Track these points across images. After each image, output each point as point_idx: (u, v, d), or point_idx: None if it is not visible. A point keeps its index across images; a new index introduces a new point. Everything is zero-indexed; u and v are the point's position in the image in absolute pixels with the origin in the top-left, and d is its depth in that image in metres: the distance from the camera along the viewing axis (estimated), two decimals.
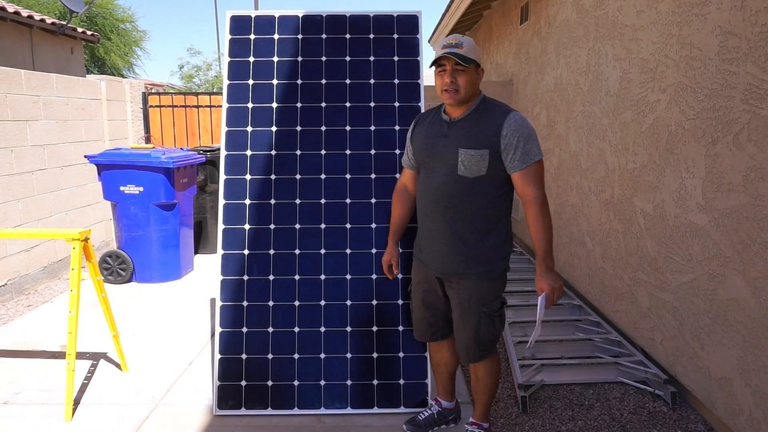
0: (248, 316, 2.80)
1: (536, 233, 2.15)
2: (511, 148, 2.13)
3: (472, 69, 2.17)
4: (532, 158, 2.13)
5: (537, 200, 2.13)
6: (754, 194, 2.38)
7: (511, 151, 2.13)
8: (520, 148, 2.12)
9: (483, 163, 2.16)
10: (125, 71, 19.41)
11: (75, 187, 5.50)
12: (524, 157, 2.13)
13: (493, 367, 2.41)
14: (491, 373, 2.41)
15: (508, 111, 2.19)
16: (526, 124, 2.16)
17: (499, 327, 2.33)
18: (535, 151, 2.14)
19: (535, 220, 2.14)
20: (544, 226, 2.13)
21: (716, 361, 2.65)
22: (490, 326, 2.30)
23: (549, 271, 2.13)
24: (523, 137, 2.12)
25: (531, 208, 2.14)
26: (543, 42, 5.34)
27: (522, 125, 2.14)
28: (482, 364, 2.39)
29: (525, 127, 2.14)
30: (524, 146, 2.12)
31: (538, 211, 2.13)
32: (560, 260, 4.84)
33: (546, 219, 2.13)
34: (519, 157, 2.13)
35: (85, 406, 2.84)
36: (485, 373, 2.40)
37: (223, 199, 2.87)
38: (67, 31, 10.10)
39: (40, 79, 5.00)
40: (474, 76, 2.19)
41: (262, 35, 3.01)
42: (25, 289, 4.73)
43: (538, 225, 2.13)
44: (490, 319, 2.29)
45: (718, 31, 2.61)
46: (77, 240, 2.74)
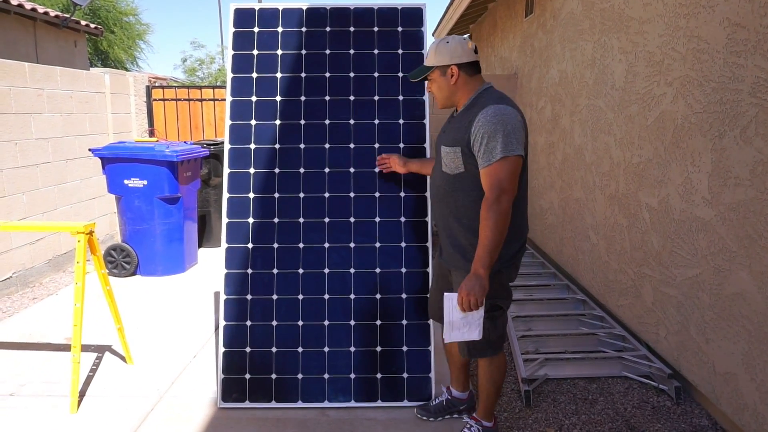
0: (252, 310, 2.80)
1: (480, 234, 2.03)
2: (477, 144, 2.06)
3: (436, 74, 2.21)
4: (494, 156, 2.01)
5: (486, 201, 2.03)
6: (761, 188, 2.36)
7: (476, 148, 2.07)
8: (483, 145, 2.04)
9: (458, 161, 2.14)
10: (129, 64, 19.39)
11: (79, 181, 5.51)
12: (486, 154, 2.04)
13: (490, 368, 2.35)
14: (488, 374, 2.36)
15: (486, 105, 2.10)
16: (495, 119, 2.03)
17: (491, 329, 2.24)
18: (497, 150, 2.01)
19: (481, 221, 2.03)
20: (486, 226, 2.00)
21: (721, 355, 2.64)
22: None
23: (474, 276, 2.00)
24: (488, 133, 2.02)
25: (482, 207, 2.05)
26: (548, 35, 5.31)
27: (489, 121, 2.03)
28: (482, 364, 2.38)
29: (492, 123, 2.02)
30: (488, 143, 2.03)
31: (484, 210, 2.02)
32: (564, 254, 4.83)
33: (490, 221, 1.99)
34: (482, 155, 2.05)
35: (90, 398, 2.85)
36: (483, 372, 2.38)
37: (227, 193, 2.87)
38: (70, 24, 10.09)
39: (44, 72, 5.00)
40: (441, 80, 2.21)
41: (266, 28, 2.99)
42: (30, 282, 4.75)
43: (481, 226, 2.02)
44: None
45: (726, 23, 2.58)
46: (82, 233, 2.74)
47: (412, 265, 2.82)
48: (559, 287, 4.47)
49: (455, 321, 2.07)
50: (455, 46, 2.17)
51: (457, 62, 2.18)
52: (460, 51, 2.17)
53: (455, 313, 2.05)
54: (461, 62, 2.18)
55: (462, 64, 2.19)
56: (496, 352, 2.32)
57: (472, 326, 2.07)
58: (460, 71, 2.19)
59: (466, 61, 2.18)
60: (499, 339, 2.31)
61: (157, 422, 2.64)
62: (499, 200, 2.01)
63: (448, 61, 2.18)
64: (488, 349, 2.29)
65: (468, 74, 2.20)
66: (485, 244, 2.01)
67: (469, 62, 2.19)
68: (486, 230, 2.01)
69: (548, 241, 5.32)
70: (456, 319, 2.06)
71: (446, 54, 2.17)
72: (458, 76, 2.19)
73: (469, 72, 2.21)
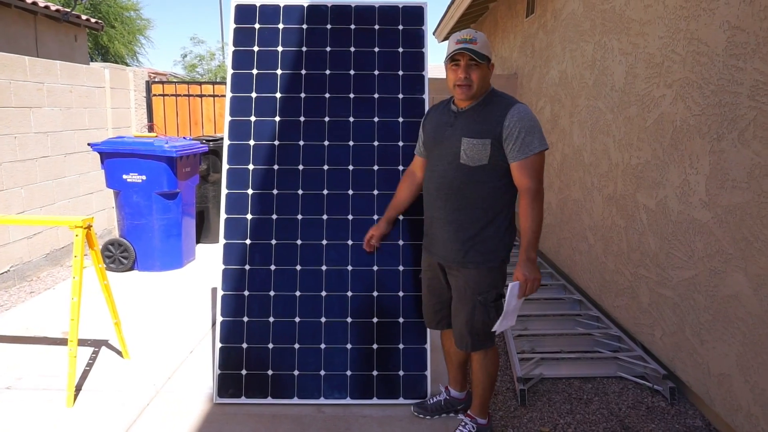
0: (249, 306, 2.81)
1: (524, 223, 2.16)
2: (512, 138, 2.15)
3: (484, 65, 2.22)
4: (532, 150, 2.14)
5: (530, 191, 2.15)
6: (758, 191, 2.37)
7: (511, 142, 2.16)
8: (520, 139, 2.14)
9: (485, 153, 2.20)
10: (129, 59, 19.36)
11: (78, 175, 5.51)
12: (524, 147, 2.14)
13: (487, 361, 2.40)
14: (484, 368, 2.41)
15: (513, 102, 2.22)
16: (530, 116, 2.17)
17: (495, 318, 2.32)
18: (536, 144, 2.14)
19: (524, 210, 2.16)
20: (533, 216, 2.13)
21: (716, 357, 2.65)
22: (484, 316, 2.31)
23: (529, 261, 2.13)
24: (525, 128, 2.14)
25: (524, 198, 2.17)
26: (548, 35, 5.31)
27: (525, 116, 2.16)
28: (476, 358, 2.41)
29: (527, 119, 2.16)
30: (525, 137, 2.14)
31: (529, 201, 2.15)
32: (561, 255, 4.84)
33: (536, 211, 2.14)
34: (518, 148, 2.15)
35: (87, 392, 2.86)
36: (478, 366, 2.42)
37: (226, 189, 2.87)
38: (71, 19, 10.07)
39: (45, 66, 4.99)
40: (486, 72, 2.24)
41: (266, 24, 2.99)
42: (27, 276, 4.75)
43: (527, 215, 2.15)
44: (484, 308, 2.30)
45: (726, 26, 2.59)
46: (80, 227, 2.75)
47: (410, 264, 2.83)
48: (555, 287, 4.49)
49: (509, 311, 2.15)
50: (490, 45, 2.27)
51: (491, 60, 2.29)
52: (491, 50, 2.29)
53: (513, 301, 2.13)
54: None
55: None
56: (493, 343, 2.40)
57: (514, 313, 2.18)
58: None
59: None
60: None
61: (153, 417, 2.64)
62: (540, 191, 2.16)
63: (492, 57, 2.27)
64: (488, 340, 2.36)
65: None
66: (534, 230, 2.14)
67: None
68: (533, 219, 2.13)
69: (546, 242, 5.33)
70: (511, 308, 2.15)
71: (491, 50, 2.27)
72: (492, 73, 2.30)
73: None
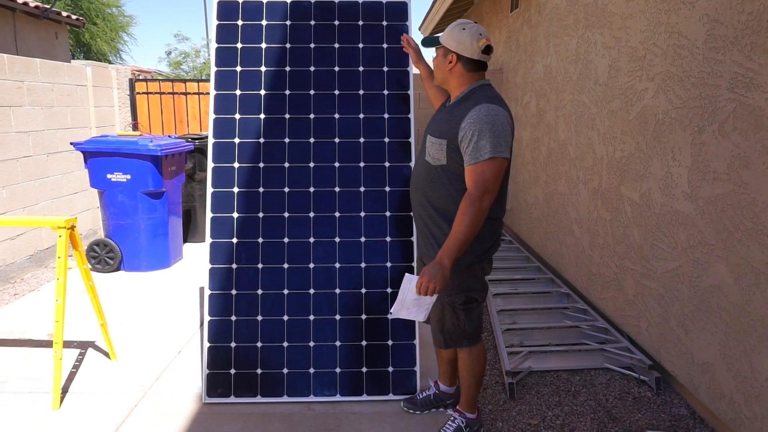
0: (237, 305, 2.80)
1: (454, 225, 2.05)
2: (466, 140, 2.06)
3: (440, 51, 2.24)
4: (482, 155, 2.02)
5: (468, 196, 2.04)
6: (738, 182, 2.40)
7: (465, 144, 2.07)
8: (473, 143, 2.04)
9: (442, 153, 2.16)
10: (112, 57, 19.10)
11: (61, 175, 5.44)
12: (474, 152, 2.04)
13: (472, 359, 2.38)
14: (468, 366, 2.39)
15: (479, 103, 2.10)
16: (487, 119, 2.03)
17: (465, 321, 2.28)
18: (486, 149, 2.02)
19: (458, 213, 2.05)
20: (461, 221, 2.02)
21: (699, 346, 2.70)
22: (453, 317, 2.28)
23: (439, 264, 2.01)
24: (478, 131, 2.03)
25: (462, 201, 2.06)
26: (533, 30, 5.33)
27: (480, 119, 2.03)
28: (461, 355, 2.40)
29: (483, 122, 2.03)
30: (476, 141, 2.03)
31: (464, 206, 2.04)
32: (548, 248, 4.88)
33: (467, 217, 2.01)
34: (470, 152, 2.06)
35: (73, 394, 2.83)
36: (463, 363, 2.41)
37: (211, 188, 2.86)
38: (51, 15, 9.91)
39: (24, 64, 4.91)
40: (440, 60, 2.24)
41: (250, 21, 2.97)
42: (11, 278, 4.68)
43: (458, 218, 2.04)
44: (452, 310, 2.26)
45: (706, 20, 2.62)
46: (63, 228, 2.71)
47: (397, 260, 2.83)
48: (543, 281, 4.52)
49: (407, 301, 2.10)
50: (465, 38, 2.13)
51: (459, 53, 2.16)
52: (467, 44, 2.14)
53: (410, 294, 2.09)
54: (463, 55, 2.16)
55: (463, 57, 2.17)
56: (473, 342, 2.36)
57: (420, 308, 2.11)
58: (458, 61, 2.18)
59: (468, 56, 2.16)
60: (475, 330, 2.35)
61: (141, 418, 2.63)
62: (481, 199, 2.03)
63: (453, 48, 2.17)
64: (464, 339, 2.34)
65: (466, 68, 2.19)
66: (457, 237, 2.02)
67: (470, 58, 2.17)
68: (461, 224, 2.02)
69: (533, 235, 5.37)
70: (409, 300, 2.10)
71: (454, 40, 2.16)
72: (455, 65, 2.19)
73: (469, 67, 2.19)
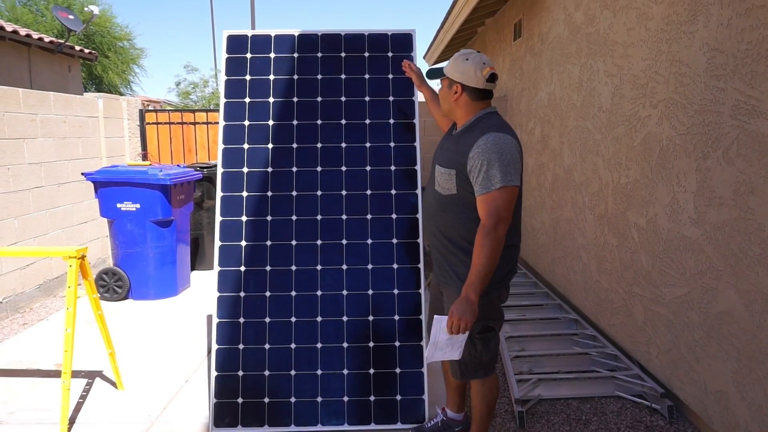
0: (245, 333, 2.80)
1: (474, 259, 2.04)
2: (475, 171, 2.07)
3: (444, 83, 2.29)
4: (493, 185, 2.03)
5: (483, 227, 2.04)
6: (744, 208, 2.41)
7: (474, 174, 2.08)
8: (483, 173, 2.05)
9: (451, 182, 2.17)
10: (123, 88, 19.51)
11: (71, 205, 5.51)
12: (485, 182, 2.05)
13: (483, 390, 2.36)
14: (482, 396, 2.37)
15: (486, 131, 2.11)
16: (495, 148, 2.04)
17: (483, 351, 2.26)
18: (497, 178, 2.02)
19: (476, 246, 2.04)
20: (480, 254, 2.02)
21: (712, 374, 2.66)
22: (470, 347, 2.25)
23: (465, 300, 2.00)
24: (486, 161, 2.04)
25: (478, 233, 2.06)
26: (536, 58, 5.42)
27: (488, 148, 2.04)
28: (474, 385, 2.39)
29: (491, 151, 2.04)
30: (486, 171, 2.04)
31: (480, 238, 2.03)
32: (556, 274, 4.85)
33: (486, 249, 2.01)
34: (480, 182, 2.06)
35: (80, 425, 2.82)
36: (475, 393, 2.39)
37: (220, 216, 2.89)
38: (64, 50, 10.17)
39: (38, 98, 5.03)
40: (445, 91, 2.27)
41: (258, 54, 3.05)
42: (20, 307, 4.71)
43: (475, 252, 2.04)
44: (470, 340, 2.24)
45: (706, 48, 2.66)
46: (74, 258, 2.74)
47: (405, 287, 2.84)
48: (551, 307, 4.49)
49: (440, 342, 2.07)
50: (469, 68, 2.16)
51: (464, 83, 2.19)
52: (471, 74, 2.16)
53: (442, 335, 2.05)
54: (467, 85, 2.19)
55: (468, 87, 2.19)
56: (488, 373, 2.34)
57: (454, 347, 2.09)
58: (464, 91, 2.21)
59: (473, 86, 2.18)
60: (491, 360, 2.33)
61: None
62: (496, 228, 2.02)
63: (457, 78, 2.19)
64: (480, 370, 2.32)
65: (472, 98, 2.21)
66: (479, 270, 2.01)
67: (475, 88, 2.19)
68: (480, 257, 2.01)
69: (540, 261, 5.35)
70: (441, 341, 2.06)
71: (458, 71, 2.19)
72: (460, 95, 2.21)
73: (474, 96, 2.21)
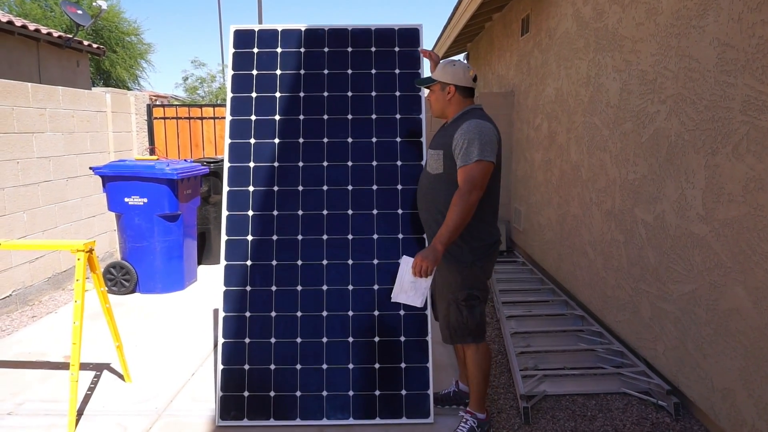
0: (251, 327, 2.81)
1: (446, 216, 2.33)
2: (458, 148, 2.40)
3: (437, 87, 2.56)
4: (470, 158, 2.35)
5: (459, 192, 2.34)
6: (753, 204, 2.39)
7: (456, 151, 2.40)
8: (463, 149, 2.37)
9: (439, 162, 2.49)
10: (130, 83, 19.58)
11: (80, 199, 5.55)
12: (464, 156, 2.37)
13: (477, 355, 2.56)
14: (475, 361, 2.57)
15: (472, 118, 2.45)
16: (476, 130, 2.37)
17: (468, 317, 2.52)
18: (474, 153, 2.34)
19: (450, 205, 2.34)
20: (453, 210, 2.31)
21: (719, 371, 2.65)
22: (457, 313, 2.52)
23: (432, 248, 2.30)
24: (467, 140, 2.37)
25: (453, 197, 2.35)
26: (544, 53, 5.38)
27: (470, 130, 2.38)
28: (467, 353, 2.59)
29: (472, 132, 2.37)
30: (466, 148, 2.36)
31: (455, 199, 2.33)
32: (562, 270, 4.84)
33: (457, 207, 2.30)
34: (460, 156, 2.38)
35: (89, 416, 2.85)
36: (470, 361, 2.59)
37: (227, 211, 2.90)
38: (73, 44, 10.22)
39: (47, 92, 5.06)
40: (439, 94, 2.56)
41: (265, 49, 3.05)
42: (29, 300, 4.75)
43: (449, 209, 2.33)
44: (456, 306, 2.52)
45: (716, 43, 2.63)
46: (82, 251, 2.76)
47: None
48: (557, 303, 4.48)
49: (405, 283, 2.35)
50: (459, 71, 2.53)
51: (456, 84, 2.53)
52: (461, 75, 2.53)
53: (407, 276, 2.34)
54: (459, 84, 2.53)
55: (459, 86, 2.54)
56: (477, 340, 2.57)
57: (417, 293, 2.35)
58: (456, 91, 2.55)
59: (463, 85, 2.54)
60: (478, 327, 2.56)
61: None
62: (469, 193, 2.33)
63: (450, 80, 2.53)
64: (468, 336, 2.55)
65: (462, 95, 2.56)
66: (448, 225, 2.31)
67: (465, 86, 2.54)
68: (452, 214, 2.32)
69: (547, 257, 5.34)
70: (406, 282, 2.34)
71: (449, 74, 2.53)
72: (453, 94, 2.56)
73: (464, 94, 2.57)
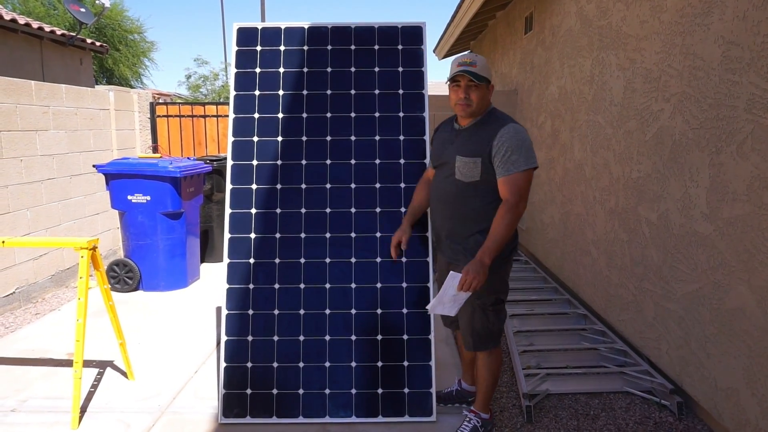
0: (254, 325, 2.81)
1: (492, 229, 2.27)
2: (500, 155, 2.30)
3: (483, 86, 2.40)
4: (517, 167, 2.27)
5: (507, 203, 2.28)
6: (758, 203, 2.38)
7: (498, 158, 2.31)
8: (506, 157, 2.28)
9: (476, 170, 2.37)
10: (133, 81, 19.62)
11: (83, 196, 5.56)
12: (508, 165, 2.28)
13: (490, 359, 2.56)
14: (487, 366, 2.56)
15: (506, 122, 2.35)
16: (519, 136, 2.30)
17: (494, 321, 2.50)
18: (521, 162, 2.27)
19: (496, 218, 2.28)
20: (500, 225, 2.25)
21: (722, 370, 2.64)
22: (483, 319, 2.49)
23: (479, 262, 2.23)
24: (512, 147, 2.28)
25: (500, 209, 2.29)
26: (547, 51, 5.37)
27: (513, 136, 2.29)
28: (481, 357, 2.58)
29: (516, 138, 2.29)
30: (511, 155, 2.28)
31: (503, 212, 2.27)
32: (565, 269, 4.83)
33: (505, 221, 2.25)
34: (504, 165, 2.29)
35: (92, 413, 2.85)
36: (482, 364, 2.58)
37: (230, 208, 2.90)
38: (76, 42, 10.23)
39: (50, 90, 5.07)
40: (485, 92, 2.42)
41: (268, 47, 3.05)
42: (33, 297, 4.77)
43: (496, 223, 2.27)
44: (482, 311, 2.48)
45: (721, 41, 2.62)
46: (85, 249, 2.77)
47: (413, 280, 2.84)
48: (560, 302, 4.47)
49: (445, 297, 2.28)
50: (490, 69, 2.45)
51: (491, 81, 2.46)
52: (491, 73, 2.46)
53: (450, 291, 2.26)
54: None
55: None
56: (497, 344, 2.56)
57: (454, 305, 2.29)
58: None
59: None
60: (499, 331, 2.56)
61: None
62: (518, 205, 2.28)
63: (490, 77, 2.45)
64: (491, 341, 2.54)
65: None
66: (495, 239, 2.25)
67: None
68: (500, 228, 2.25)
69: (549, 256, 5.33)
70: (447, 297, 2.28)
71: (489, 71, 2.44)
72: (491, 93, 2.47)
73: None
